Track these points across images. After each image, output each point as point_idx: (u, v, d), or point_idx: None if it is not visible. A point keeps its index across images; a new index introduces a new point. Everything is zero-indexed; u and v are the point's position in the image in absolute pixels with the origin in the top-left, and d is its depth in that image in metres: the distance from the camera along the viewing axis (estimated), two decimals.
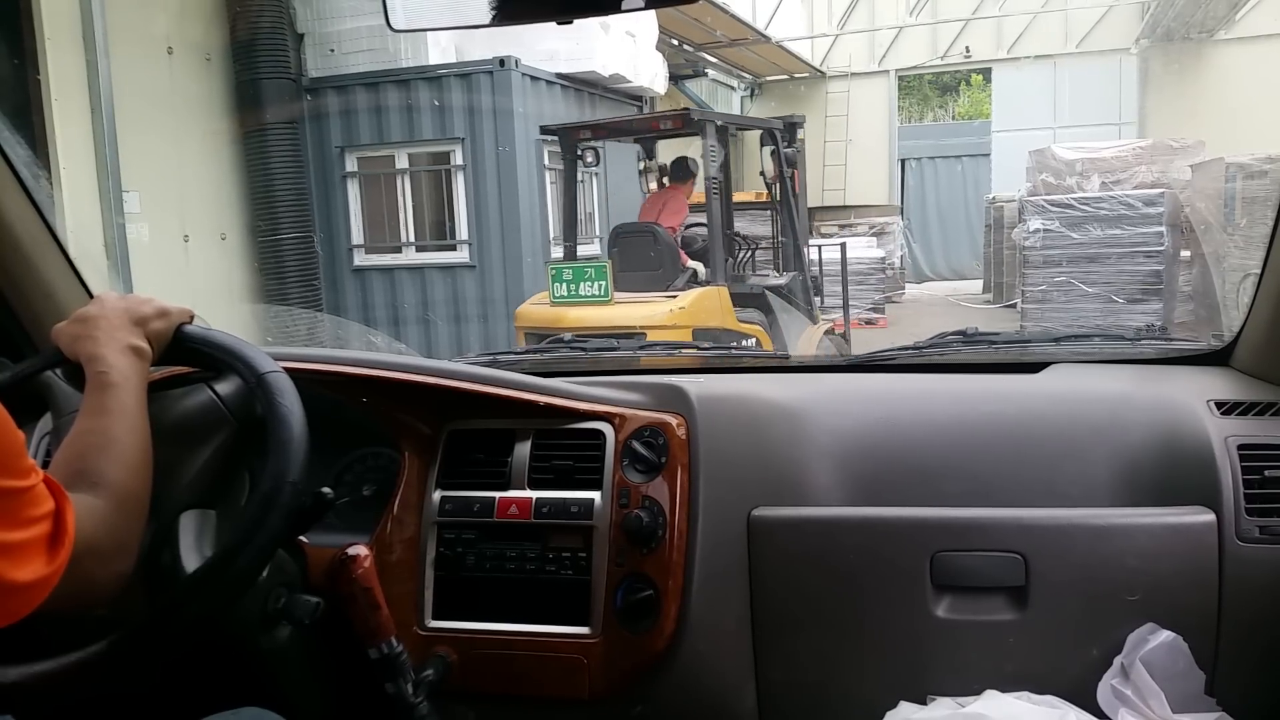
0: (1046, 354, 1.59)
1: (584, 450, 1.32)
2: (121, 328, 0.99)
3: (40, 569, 0.73)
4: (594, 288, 5.00)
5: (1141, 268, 8.51)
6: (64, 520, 0.76)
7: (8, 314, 1.42)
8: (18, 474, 0.73)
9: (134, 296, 1.05)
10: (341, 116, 7.74)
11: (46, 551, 0.74)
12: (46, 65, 5.70)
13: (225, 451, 1.02)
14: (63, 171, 5.76)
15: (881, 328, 10.31)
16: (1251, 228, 7.13)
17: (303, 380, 1.03)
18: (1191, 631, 1.19)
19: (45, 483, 0.76)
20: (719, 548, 1.27)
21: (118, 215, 6.01)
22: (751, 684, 1.30)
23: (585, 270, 5.08)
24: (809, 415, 1.38)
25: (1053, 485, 1.30)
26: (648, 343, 2.27)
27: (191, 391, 1.04)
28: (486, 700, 1.31)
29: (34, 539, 0.73)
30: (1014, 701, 1.18)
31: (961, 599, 1.26)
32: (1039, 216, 8.76)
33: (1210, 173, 8.22)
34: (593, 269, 5.08)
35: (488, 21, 1.07)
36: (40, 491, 0.75)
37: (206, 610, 0.92)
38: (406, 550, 1.32)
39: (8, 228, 1.35)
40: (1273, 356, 1.37)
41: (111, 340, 0.97)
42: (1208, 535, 1.21)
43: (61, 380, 1.07)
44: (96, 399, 0.93)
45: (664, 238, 5.46)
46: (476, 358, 1.86)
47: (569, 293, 5.10)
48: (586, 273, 5.06)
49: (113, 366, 0.95)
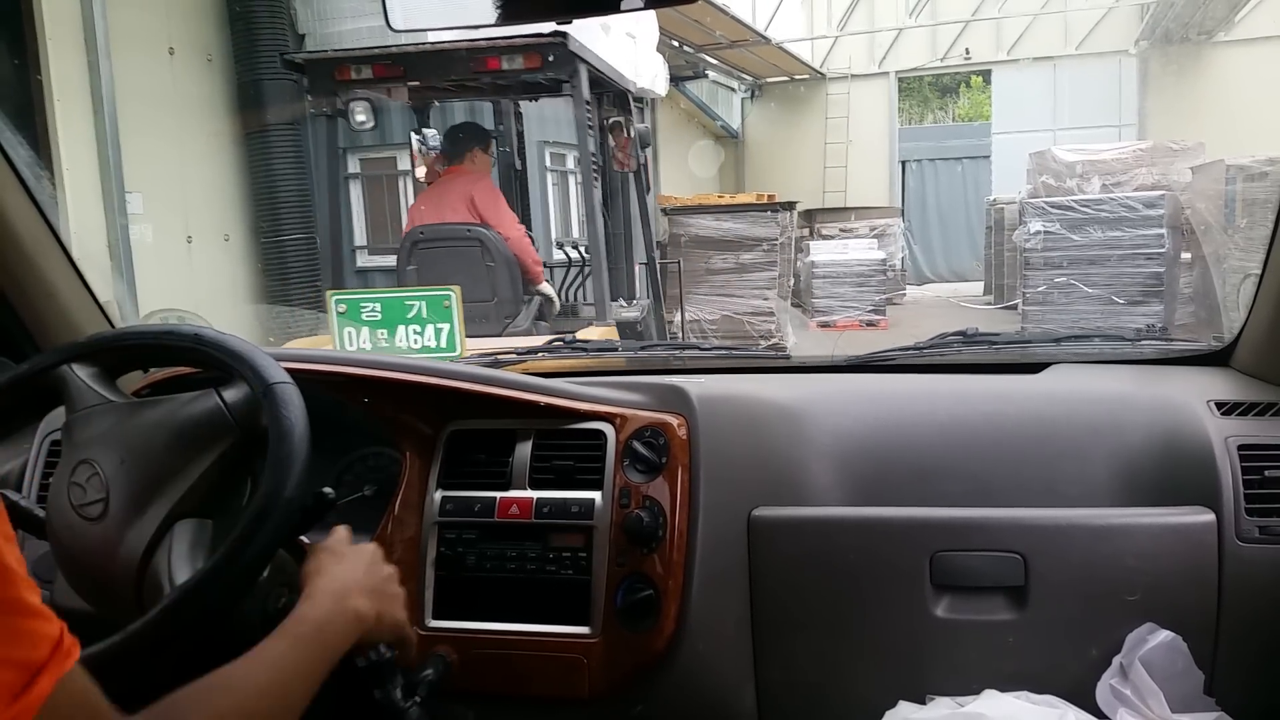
0: (1047, 354, 1.59)
1: (585, 450, 1.32)
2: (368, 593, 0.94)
3: None
4: (428, 336, 2.87)
5: (1142, 269, 8.51)
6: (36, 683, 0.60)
7: (10, 314, 1.43)
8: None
9: (390, 578, 1.00)
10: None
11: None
12: (48, 66, 5.71)
13: (226, 461, 1.02)
14: (65, 173, 5.77)
15: (882, 329, 10.31)
16: (1252, 229, 7.12)
17: (304, 381, 1.03)
18: (1191, 631, 1.20)
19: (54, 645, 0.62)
20: (719, 548, 1.27)
21: (120, 216, 6.01)
22: (751, 684, 1.30)
23: (407, 305, 2.86)
24: (809, 415, 1.38)
25: (1052, 485, 1.30)
26: (648, 343, 2.27)
27: (199, 397, 1.04)
28: (486, 700, 1.31)
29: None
30: (1013, 701, 1.18)
31: (961, 599, 1.26)
32: (1039, 218, 8.76)
33: (1210, 174, 8.22)
34: (424, 300, 2.88)
35: (487, 22, 1.07)
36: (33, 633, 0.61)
37: (195, 620, 0.92)
38: (407, 550, 1.33)
39: (10, 229, 1.36)
40: (1273, 357, 1.37)
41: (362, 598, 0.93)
42: (1207, 535, 1.21)
43: (77, 376, 1.07)
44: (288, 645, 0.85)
45: (499, 248, 4.00)
46: (477, 357, 1.86)
47: (373, 343, 2.90)
48: (410, 309, 2.85)
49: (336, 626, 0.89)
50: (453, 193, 4.22)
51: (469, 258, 3.99)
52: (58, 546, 1.04)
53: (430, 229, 4.10)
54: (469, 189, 4.20)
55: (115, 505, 0.99)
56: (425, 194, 4.43)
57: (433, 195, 4.34)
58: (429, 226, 4.11)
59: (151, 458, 1.00)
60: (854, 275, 10.62)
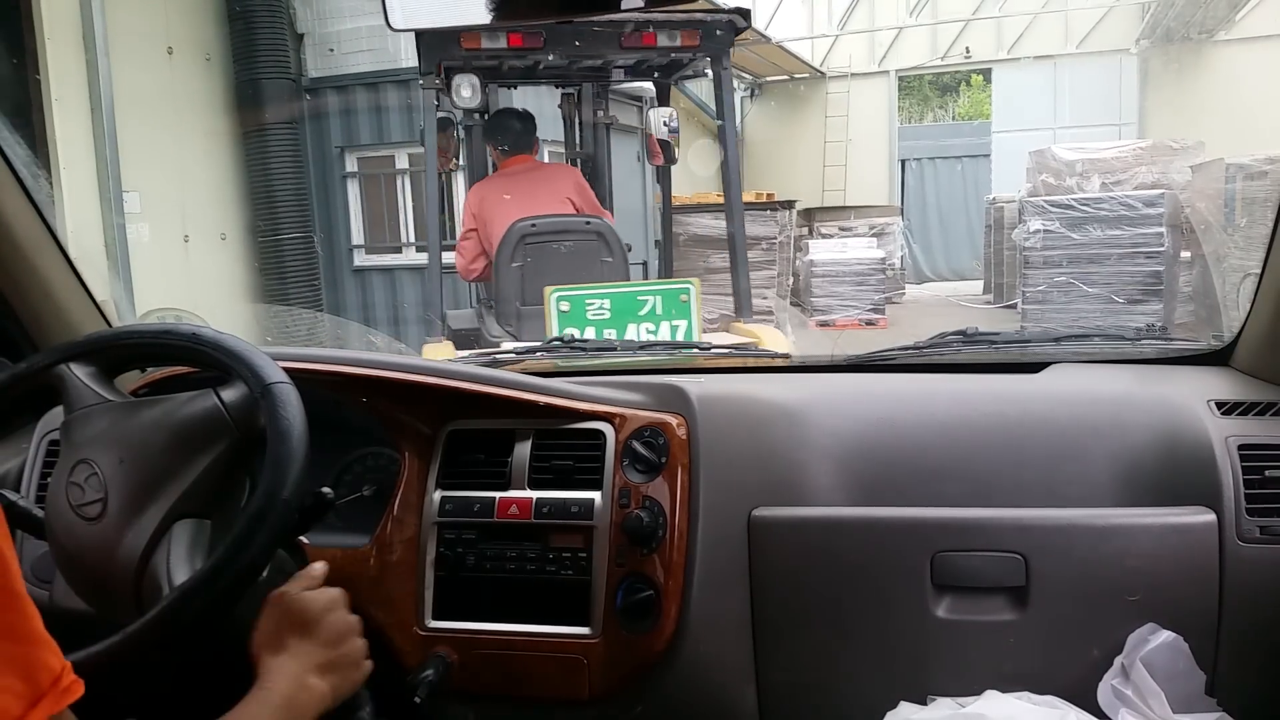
0: (1047, 354, 1.58)
1: (584, 450, 1.32)
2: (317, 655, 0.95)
3: None
4: (662, 334, 2.54)
5: (1142, 268, 8.50)
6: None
7: (7, 313, 1.42)
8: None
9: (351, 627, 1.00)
10: (341, 116, 7.75)
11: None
12: (46, 65, 5.71)
13: (224, 461, 1.02)
14: (63, 171, 5.77)
15: (881, 328, 10.31)
16: (1252, 228, 7.13)
17: (303, 380, 1.03)
18: (1192, 632, 1.19)
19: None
20: (719, 548, 1.27)
21: (118, 215, 6.01)
22: (752, 684, 1.30)
23: (639, 301, 2.46)
24: (809, 415, 1.38)
25: (1053, 485, 1.29)
26: (648, 343, 2.26)
27: (197, 397, 1.04)
28: (486, 700, 1.31)
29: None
30: (1014, 702, 1.18)
31: (962, 599, 1.26)
32: (1039, 217, 8.76)
33: (1210, 173, 8.22)
34: (659, 294, 2.55)
35: (488, 21, 1.07)
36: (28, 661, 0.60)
37: (193, 620, 0.92)
38: (406, 550, 1.32)
39: (7, 228, 1.35)
40: (1273, 356, 1.37)
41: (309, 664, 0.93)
42: (1208, 535, 1.21)
43: (75, 375, 1.07)
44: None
45: (617, 242, 3.66)
46: (477, 357, 1.86)
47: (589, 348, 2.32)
48: (643, 305, 2.43)
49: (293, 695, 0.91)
50: (544, 183, 3.88)
51: (585, 252, 3.61)
52: (56, 547, 1.04)
53: (543, 221, 3.65)
54: (566, 179, 3.94)
55: (114, 505, 0.99)
56: (500, 184, 3.94)
57: (518, 186, 3.87)
58: (540, 219, 3.66)
59: (150, 458, 1.00)
60: (853, 274, 10.61)
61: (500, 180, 3.99)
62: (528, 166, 3.98)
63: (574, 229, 3.69)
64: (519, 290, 3.54)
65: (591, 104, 4.57)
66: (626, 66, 4.00)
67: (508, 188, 3.89)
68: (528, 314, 3.51)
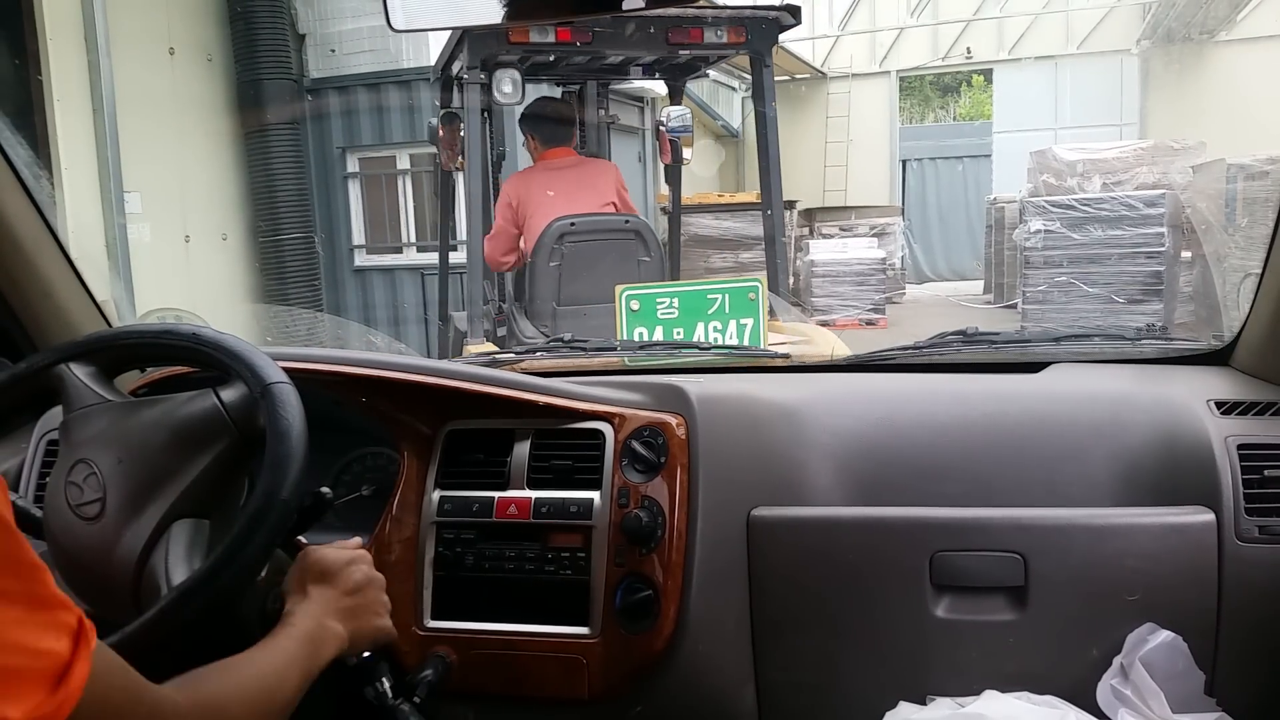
0: (1047, 354, 1.58)
1: (583, 450, 1.32)
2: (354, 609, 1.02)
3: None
4: (730, 334, 2.48)
5: (1142, 268, 8.50)
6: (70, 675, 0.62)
7: (7, 313, 1.43)
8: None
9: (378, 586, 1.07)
10: (343, 117, 7.76)
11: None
12: (48, 66, 5.71)
13: (224, 461, 1.02)
14: (64, 172, 5.77)
15: (881, 328, 10.31)
16: (1252, 228, 7.12)
17: (302, 380, 1.03)
18: (1191, 631, 1.19)
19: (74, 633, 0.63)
20: (718, 548, 1.27)
21: (119, 215, 6.02)
22: (751, 684, 1.30)
23: (708, 299, 2.42)
24: (809, 415, 1.38)
25: (1053, 485, 1.29)
26: (647, 343, 2.26)
27: (197, 397, 1.04)
28: (486, 700, 1.31)
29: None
30: (1014, 701, 1.18)
31: (961, 599, 1.26)
32: (1040, 217, 8.76)
33: (1211, 173, 8.22)
34: (727, 293, 2.48)
35: (489, 21, 1.07)
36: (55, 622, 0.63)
37: (192, 620, 0.92)
38: (405, 550, 1.33)
39: (8, 228, 1.35)
40: (1273, 356, 1.37)
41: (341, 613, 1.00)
42: (1207, 535, 1.21)
43: (74, 375, 1.07)
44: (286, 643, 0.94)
45: (655, 242, 3.61)
46: (476, 357, 1.86)
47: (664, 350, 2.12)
48: (712, 303, 2.42)
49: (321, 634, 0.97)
50: (588, 180, 3.75)
51: (622, 251, 3.50)
52: (55, 546, 1.04)
53: (582, 220, 3.51)
54: (608, 176, 3.80)
55: (112, 505, 0.99)
56: (543, 179, 3.75)
57: (563, 182, 3.71)
58: (579, 218, 3.52)
59: (149, 457, 1.00)
60: (854, 274, 10.61)
61: (542, 174, 3.80)
62: (571, 161, 3.83)
63: (613, 228, 3.60)
64: (555, 290, 3.45)
65: (594, 104, 4.55)
66: (645, 64, 3.93)
67: (551, 183, 3.72)
68: (563, 314, 3.45)
